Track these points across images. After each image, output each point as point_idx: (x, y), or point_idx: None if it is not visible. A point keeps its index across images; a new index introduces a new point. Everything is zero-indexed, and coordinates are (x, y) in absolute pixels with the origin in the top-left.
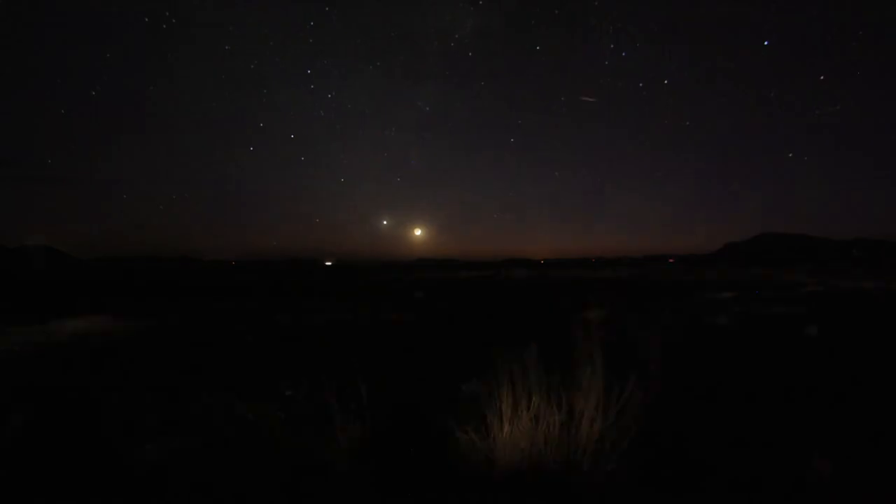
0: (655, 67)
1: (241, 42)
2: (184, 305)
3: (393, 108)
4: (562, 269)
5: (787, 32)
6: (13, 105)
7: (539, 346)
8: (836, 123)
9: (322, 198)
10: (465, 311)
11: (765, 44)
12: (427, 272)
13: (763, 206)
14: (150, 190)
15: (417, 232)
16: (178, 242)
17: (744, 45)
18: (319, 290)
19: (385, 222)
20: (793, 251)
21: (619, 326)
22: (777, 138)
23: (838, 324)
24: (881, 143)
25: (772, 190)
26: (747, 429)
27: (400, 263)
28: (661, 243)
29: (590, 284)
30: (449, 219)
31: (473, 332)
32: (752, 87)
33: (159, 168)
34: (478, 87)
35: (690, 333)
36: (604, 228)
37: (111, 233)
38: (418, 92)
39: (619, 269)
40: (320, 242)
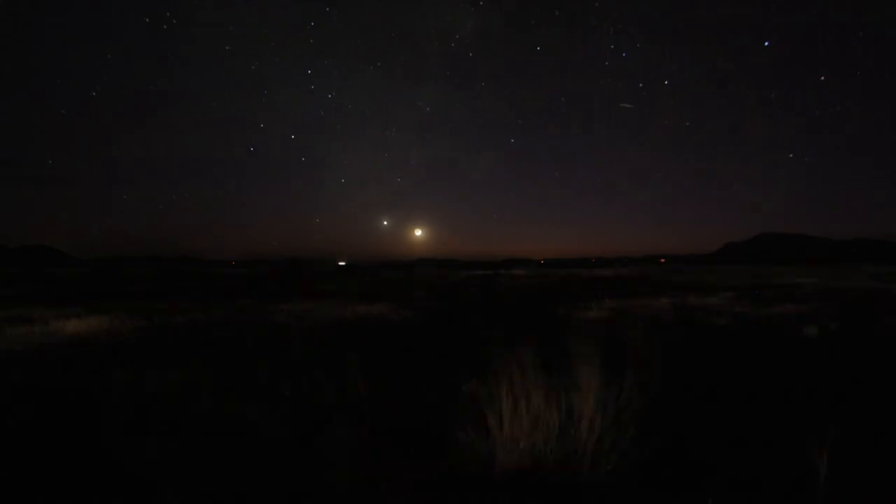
0: (655, 68)
1: (242, 42)
2: (184, 305)
3: (393, 109)
4: (562, 268)
5: (787, 33)
6: (13, 105)
7: (538, 346)
8: (836, 123)
9: (322, 198)
10: (465, 311)
11: (765, 44)
12: (427, 272)
13: (763, 206)
14: (150, 190)
15: (418, 232)
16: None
17: (744, 46)
18: (319, 290)
19: (385, 223)
20: (793, 251)
21: (618, 326)
22: (777, 138)
23: (838, 324)
24: (881, 143)
25: (772, 190)
26: (747, 429)
27: (400, 263)
28: (661, 243)
29: (589, 284)
30: (449, 219)
31: (473, 331)
32: (753, 87)
33: (159, 168)
34: (478, 87)
35: (690, 333)
36: (604, 228)
37: (111, 233)
38: (419, 92)
39: (619, 269)
40: (320, 242)
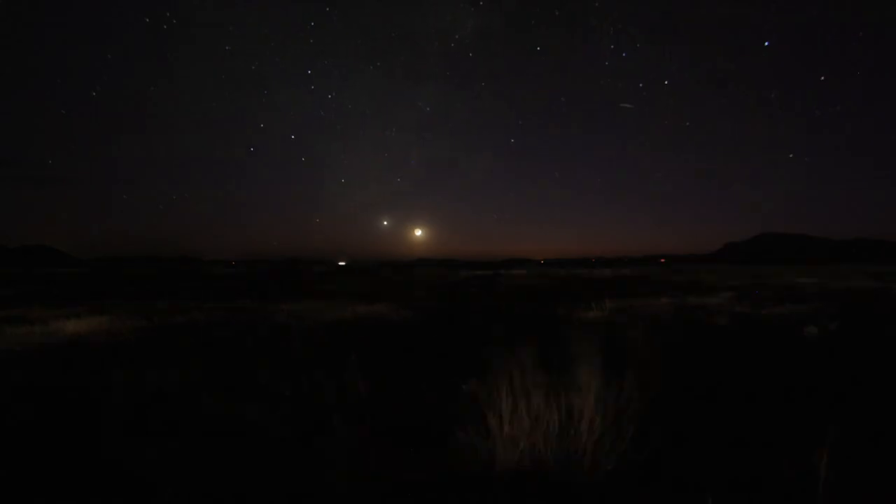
0: (656, 68)
1: (242, 43)
2: (184, 305)
3: (393, 109)
4: (562, 268)
5: (787, 33)
6: (13, 105)
7: (538, 346)
8: (836, 123)
9: (322, 198)
10: (465, 311)
11: (765, 44)
12: (427, 272)
13: (763, 206)
14: (150, 190)
15: (418, 232)
16: (178, 242)
17: (744, 46)
18: (319, 290)
19: (385, 223)
20: (793, 251)
21: (618, 326)
22: (777, 138)
23: (837, 324)
24: (881, 143)
25: (772, 190)
26: (747, 429)
27: (400, 263)
28: (661, 243)
29: (590, 284)
30: (449, 219)
31: (473, 331)
32: (753, 87)
33: (159, 168)
34: (478, 87)
35: (690, 333)
36: (604, 228)
37: (111, 233)
38: (419, 92)
39: (619, 269)
40: (320, 242)
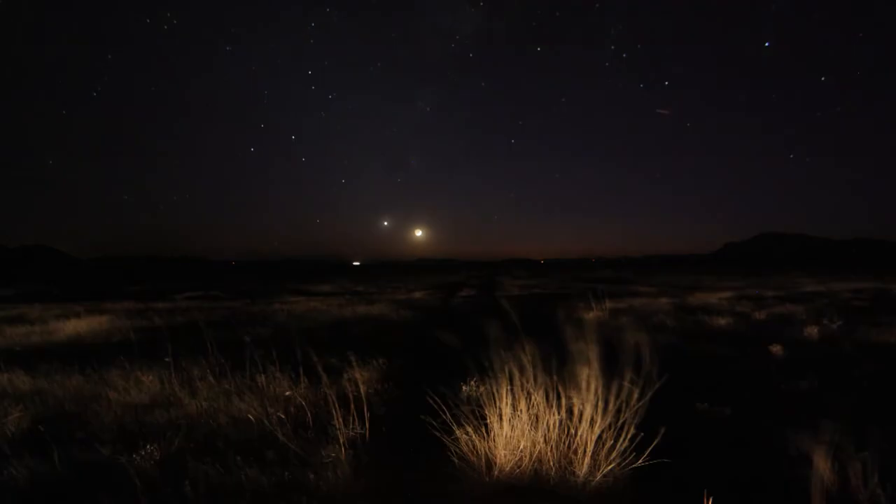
0: (656, 69)
1: (242, 43)
2: (184, 305)
3: (394, 109)
4: (562, 268)
5: (787, 34)
6: (13, 105)
7: (538, 347)
8: (836, 124)
9: (322, 198)
10: (465, 311)
11: (765, 45)
12: (427, 272)
13: (763, 206)
14: (150, 190)
15: (418, 233)
16: (178, 242)
17: (745, 48)
18: (320, 290)
19: (386, 223)
20: (793, 251)
21: (618, 326)
22: (777, 138)
23: (837, 324)
24: (881, 143)
25: (772, 190)
26: (747, 429)
27: (400, 263)
28: (661, 243)
29: (589, 284)
30: (449, 219)
31: (473, 331)
32: (753, 88)
33: (159, 168)
34: (479, 88)
35: (689, 333)
36: (604, 228)
37: (111, 233)
38: (419, 93)
39: (619, 269)
40: (321, 242)
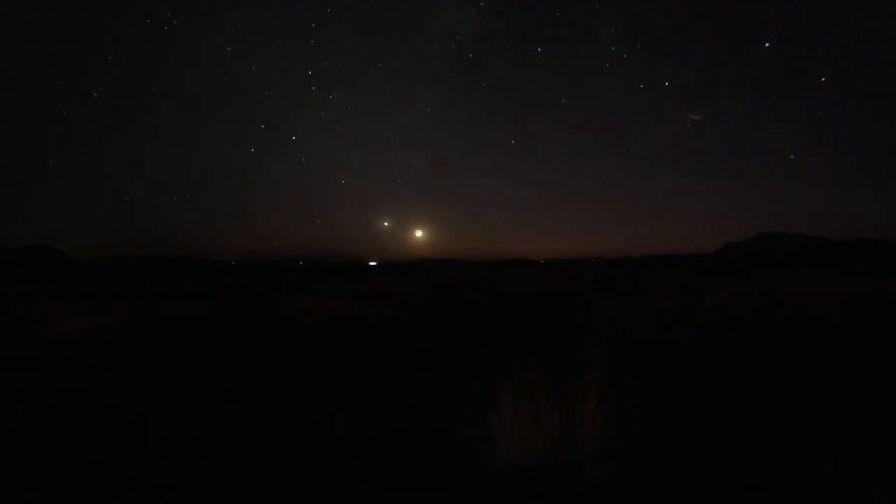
0: (656, 69)
1: (243, 44)
2: (184, 305)
3: (394, 110)
4: (562, 269)
5: (788, 35)
6: (13, 105)
7: (539, 346)
8: (837, 125)
9: (323, 199)
10: (465, 311)
11: (766, 46)
12: (427, 272)
13: (763, 207)
14: (150, 190)
15: (419, 233)
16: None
17: (745, 47)
18: (320, 290)
19: (386, 223)
20: (793, 251)
21: (619, 326)
22: (778, 139)
23: (838, 324)
24: (882, 143)
25: (772, 190)
26: (748, 429)
27: (401, 263)
28: (661, 243)
29: (590, 284)
30: (449, 219)
31: (473, 331)
32: (753, 88)
33: (159, 168)
34: (479, 88)
35: (690, 333)
36: (604, 229)
37: (111, 233)
38: (419, 93)
39: (619, 269)
40: (321, 243)
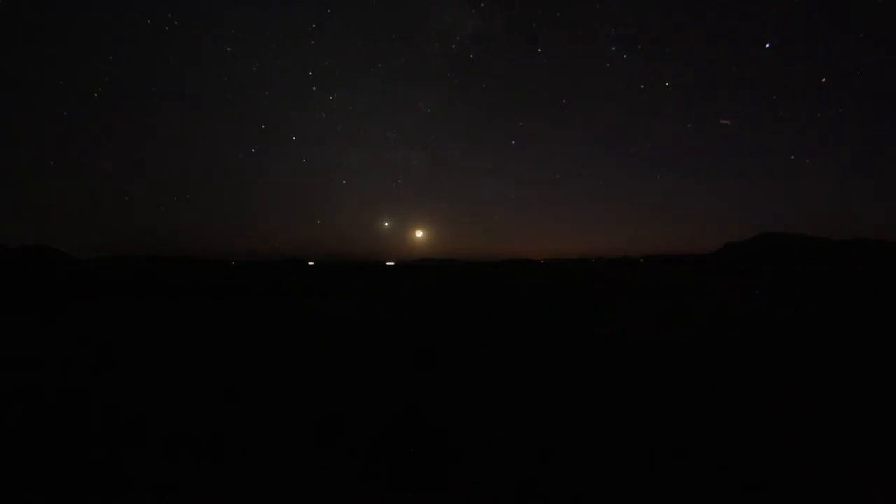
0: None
1: (243, 44)
2: (184, 305)
3: (394, 110)
4: (562, 269)
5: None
6: (13, 105)
7: (539, 346)
8: (837, 125)
9: (323, 199)
10: (466, 312)
11: (766, 46)
12: (428, 273)
13: (763, 207)
14: (150, 190)
15: (419, 234)
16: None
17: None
18: (320, 290)
19: (386, 224)
20: (793, 251)
21: (619, 326)
22: (778, 139)
23: (838, 324)
24: (881, 143)
25: (772, 190)
26: (748, 429)
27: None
28: (661, 243)
29: (590, 284)
30: (450, 219)
31: (474, 332)
32: (753, 88)
33: (159, 168)
34: (479, 89)
35: (690, 333)
36: (604, 229)
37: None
38: (419, 93)
39: (619, 270)
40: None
